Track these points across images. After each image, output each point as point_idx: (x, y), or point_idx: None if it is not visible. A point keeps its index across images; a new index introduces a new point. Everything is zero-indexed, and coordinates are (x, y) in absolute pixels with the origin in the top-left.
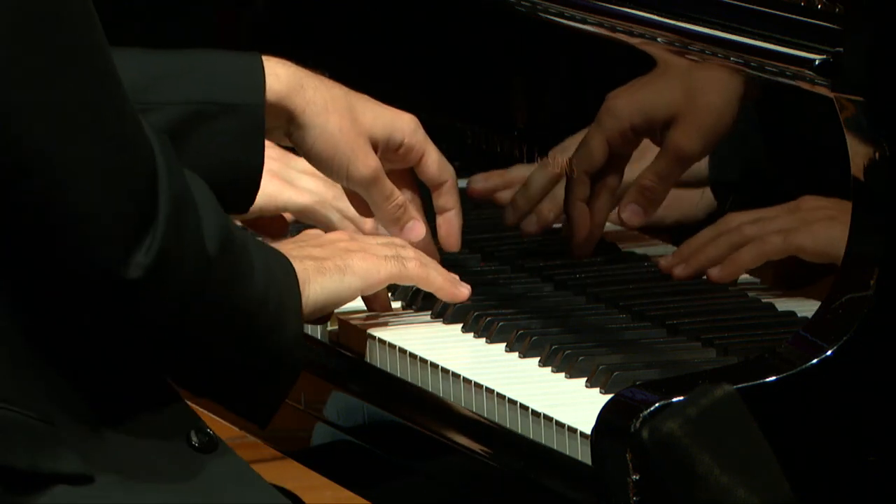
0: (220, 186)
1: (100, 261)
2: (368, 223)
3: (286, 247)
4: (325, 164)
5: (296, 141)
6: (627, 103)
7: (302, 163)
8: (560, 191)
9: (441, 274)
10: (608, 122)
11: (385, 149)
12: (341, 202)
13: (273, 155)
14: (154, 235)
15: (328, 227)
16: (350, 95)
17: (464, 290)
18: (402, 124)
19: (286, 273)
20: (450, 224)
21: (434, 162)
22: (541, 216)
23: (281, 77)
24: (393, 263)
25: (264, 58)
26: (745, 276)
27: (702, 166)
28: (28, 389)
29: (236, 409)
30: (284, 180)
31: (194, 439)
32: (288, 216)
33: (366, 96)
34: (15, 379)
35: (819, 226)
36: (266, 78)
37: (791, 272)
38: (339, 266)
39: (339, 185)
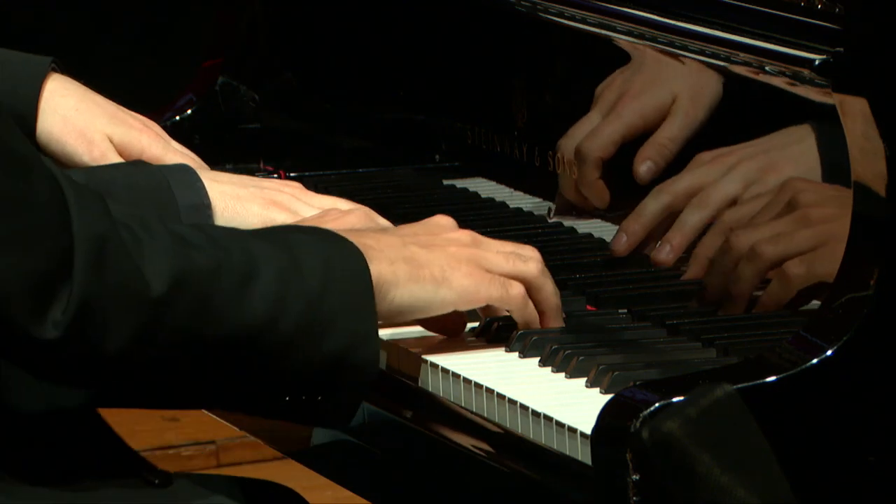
0: None
1: (9, 324)
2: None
3: (390, 240)
4: None
5: None
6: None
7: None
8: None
9: (543, 312)
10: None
11: None
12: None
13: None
14: (71, 289)
15: None
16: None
17: None
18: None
19: (352, 275)
20: None
21: None
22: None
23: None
24: (496, 286)
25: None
26: None
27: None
28: None
29: (305, 420)
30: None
31: (150, 478)
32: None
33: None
34: None
35: (839, 248)
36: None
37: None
38: (436, 277)
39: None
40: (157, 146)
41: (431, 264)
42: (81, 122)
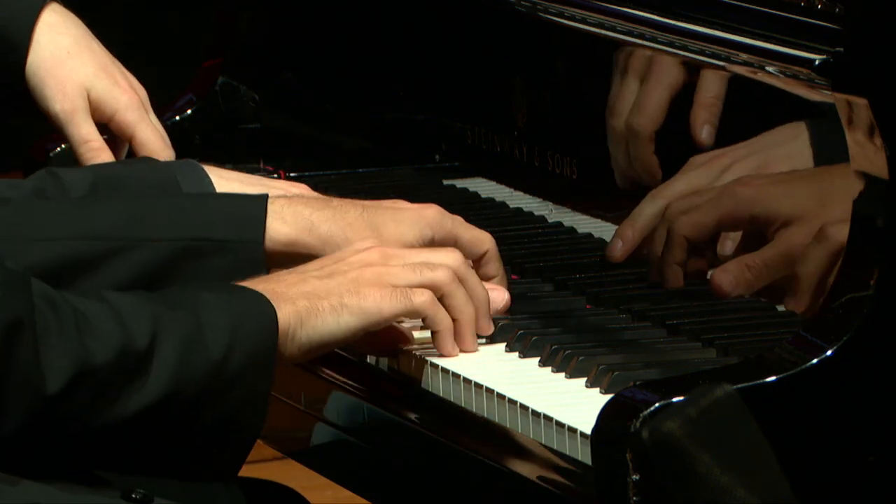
0: None
1: None
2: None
3: (292, 278)
4: None
5: None
6: (757, 195)
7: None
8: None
9: (455, 321)
10: (728, 205)
11: (420, 246)
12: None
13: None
14: None
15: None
16: (367, 212)
17: (454, 351)
18: (426, 220)
19: (257, 335)
20: (495, 292)
21: (467, 241)
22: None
23: (287, 219)
24: (398, 300)
25: (273, 199)
26: None
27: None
28: None
29: (188, 477)
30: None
31: (133, 494)
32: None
33: (382, 206)
34: None
35: None
36: (271, 221)
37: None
38: (334, 306)
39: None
40: (133, 112)
41: (330, 294)
42: (67, 68)
